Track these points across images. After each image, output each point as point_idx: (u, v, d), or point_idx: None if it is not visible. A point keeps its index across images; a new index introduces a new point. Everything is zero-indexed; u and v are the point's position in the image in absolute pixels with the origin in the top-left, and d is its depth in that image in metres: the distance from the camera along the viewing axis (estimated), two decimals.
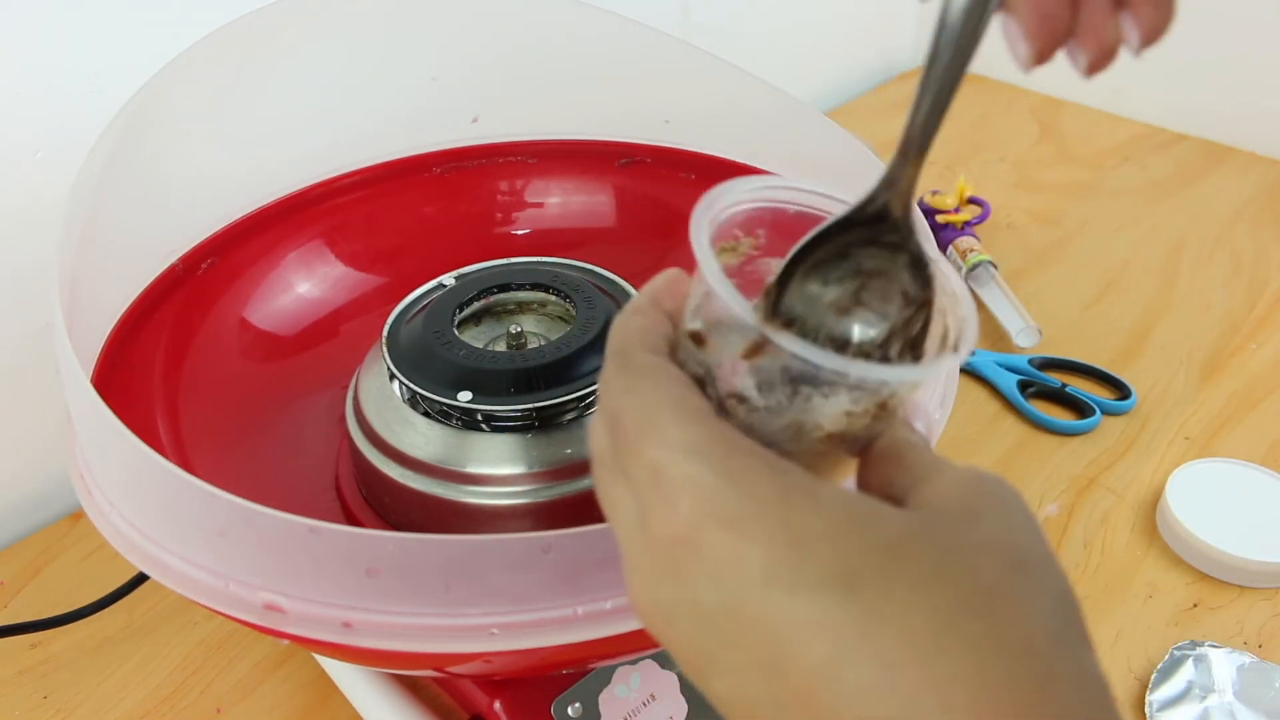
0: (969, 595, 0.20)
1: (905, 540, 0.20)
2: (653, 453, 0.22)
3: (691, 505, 0.21)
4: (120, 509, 0.35)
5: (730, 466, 0.21)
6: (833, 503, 0.21)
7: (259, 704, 0.51)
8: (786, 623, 0.20)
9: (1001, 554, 0.21)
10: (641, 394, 0.23)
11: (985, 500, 0.22)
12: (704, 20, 0.96)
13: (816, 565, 0.20)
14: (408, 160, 0.60)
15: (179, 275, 0.51)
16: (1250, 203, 0.94)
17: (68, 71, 0.57)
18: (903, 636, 0.19)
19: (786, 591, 0.20)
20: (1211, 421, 0.68)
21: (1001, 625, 0.20)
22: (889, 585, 0.20)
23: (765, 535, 0.20)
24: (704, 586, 0.21)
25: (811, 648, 0.20)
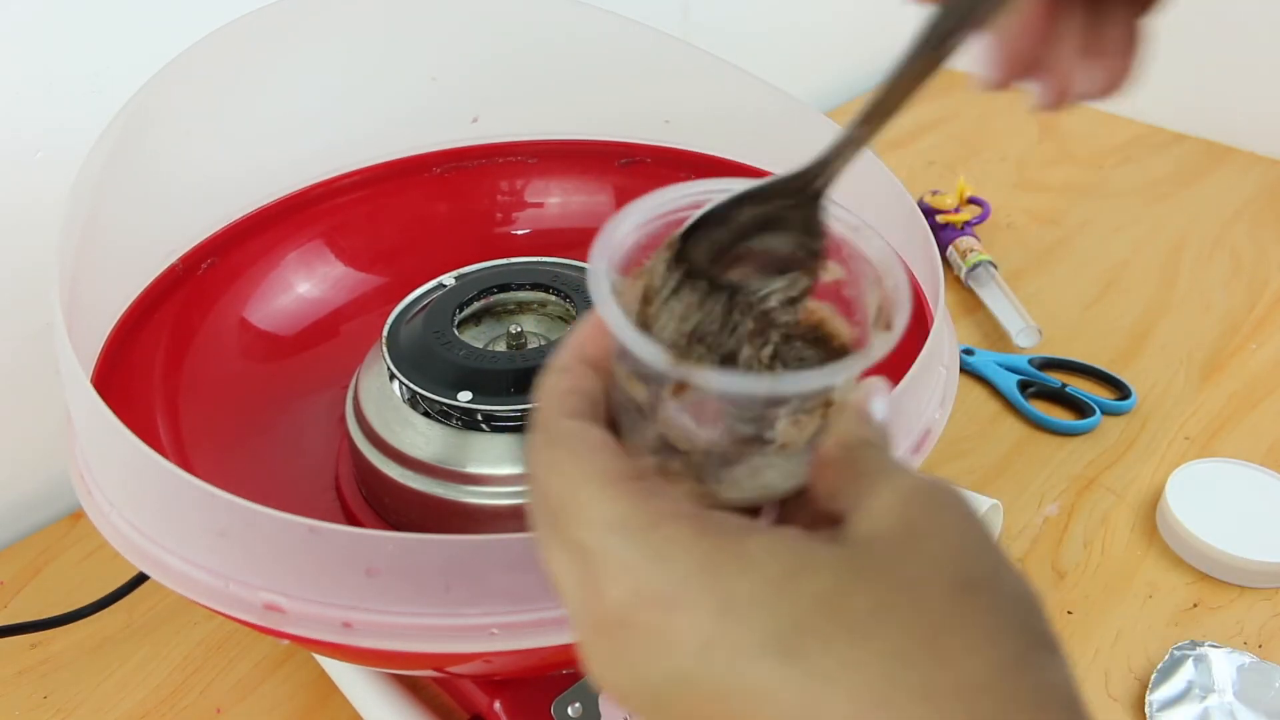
0: (912, 638, 0.19)
1: (839, 586, 0.20)
2: (578, 532, 0.22)
3: (619, 587, 0.21)
4: (120, 509, 0.35)
5: (652, 540, 0.21)
6: (761, 560, 0.20)
7: (259, 704, 0.51)
8: (731, 693, 0.19)
9: (945, 578, 0.20)
10: (563, 469, 0.23)
11: (925, 515, 0.21)
12: (704, 20, 0.96)
13: (750, 631, 0.19)
14: (408, 160, 0.60)
15: (179, 275, 0.51)
16: (1250, 203, 0.94)
17: (68, 71, 0.57)
18: (848, 696, 0.19)
19: (726, 664, 0.19)
20: (1211, 421, 0.68)
21: (950, 667, 0.19)
22: (826, 641, 0.19)
23: (695, 608, 0.20)
24: (648, 666, 0.20)
25: (760, 715, 0.19)
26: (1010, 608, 0.20)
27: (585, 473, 0.22)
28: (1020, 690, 0.19)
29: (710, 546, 0.20)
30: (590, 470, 0.22)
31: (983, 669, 0.19)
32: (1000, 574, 0.20)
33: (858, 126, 0.26)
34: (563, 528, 0.22)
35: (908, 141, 1.07)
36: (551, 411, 0.24)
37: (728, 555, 0.20)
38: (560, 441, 0.23)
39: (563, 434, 0.24)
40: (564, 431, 0.24)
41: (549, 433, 0.24)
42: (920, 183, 0.97)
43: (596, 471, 0.22)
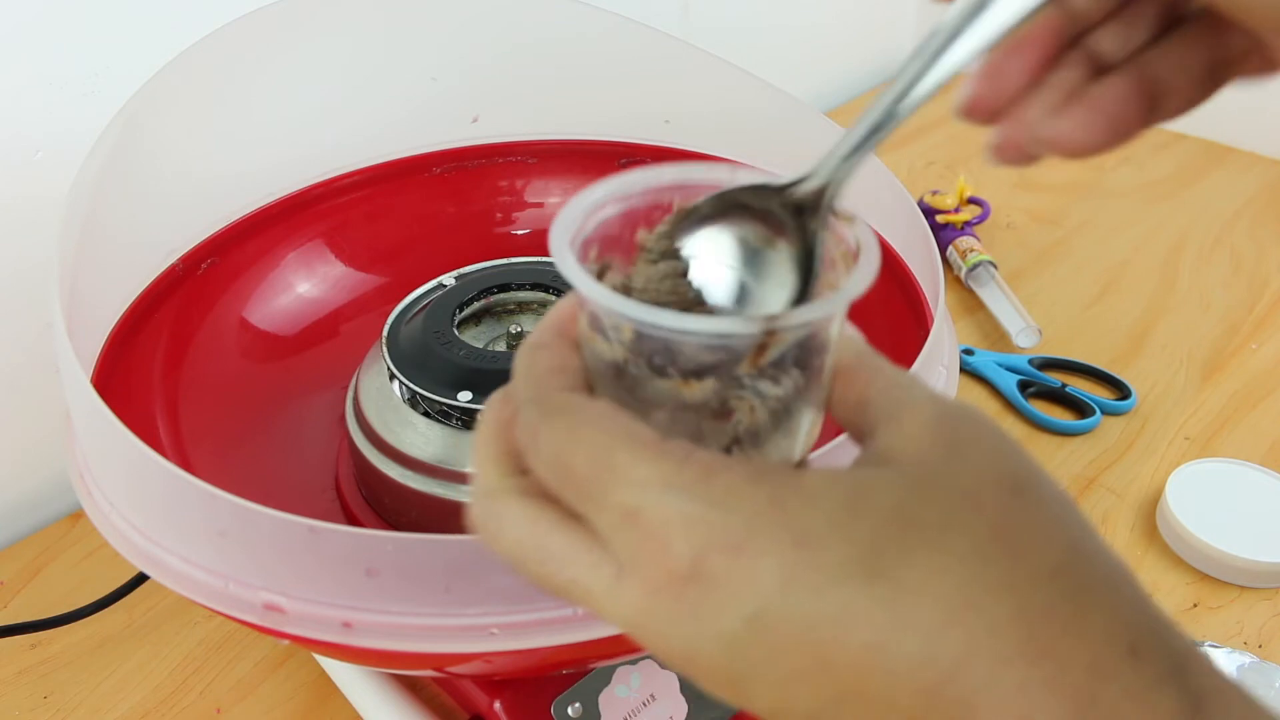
0: (982, 540, 0.20)
1: (905, 504, 0.21)
2: (622, 496, 0.21)
3: (687, 541, 0.20)
4: (120, 509, 0.35)
5: (712, 491, 0.21)
6: (823, 491, 0.21)
7: (259, 704, 0.51)
8: (820, 622, 0.20)
9: (997, 485, 0.21)
10: (587, 438, 0.22)
11: (961, 430, 0.22)
12: (704, 20, 0.96)
13: (831, 559, 0.20)
14: (408, 160, 0.60)
15: (179, 275, 0.51)
16: (1250, 203, 0.94)
17: (68, 71, 0.57)
18: (934, 602, 0.19)
19: (812, 593, 0.20)
20: (1211, 421, 0.68)
21: (1020, 561, 0.20)
22: (905, 555, 0.20)
23: (772, 547, 0.20)
24: (724, 614, 0.20)
25: (851, 639, 0.20)
26: (1057, 502, 0.21)
27: (615, 438, 0.22)
28: (1087, 570, 0.20)
29: (771, 487, 0.21)
30: (620, 435, 0.22)
31: (1052, 557, 0.20)
32: (1039, 475, 0.22)
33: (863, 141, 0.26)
34: (597, 495, 0.21)
35: (908, 141, 1.07)
36: (544, 386, 0.24)
37: (789, 492, 0.21)
38: (569, 412, 0.23)
39: (569, 405, 0.23)
40: (569, 403, 0.23)
41: (549, 406, 0.23)
42: (920, 183, 0.97)
43: (626, 436, 0.22)
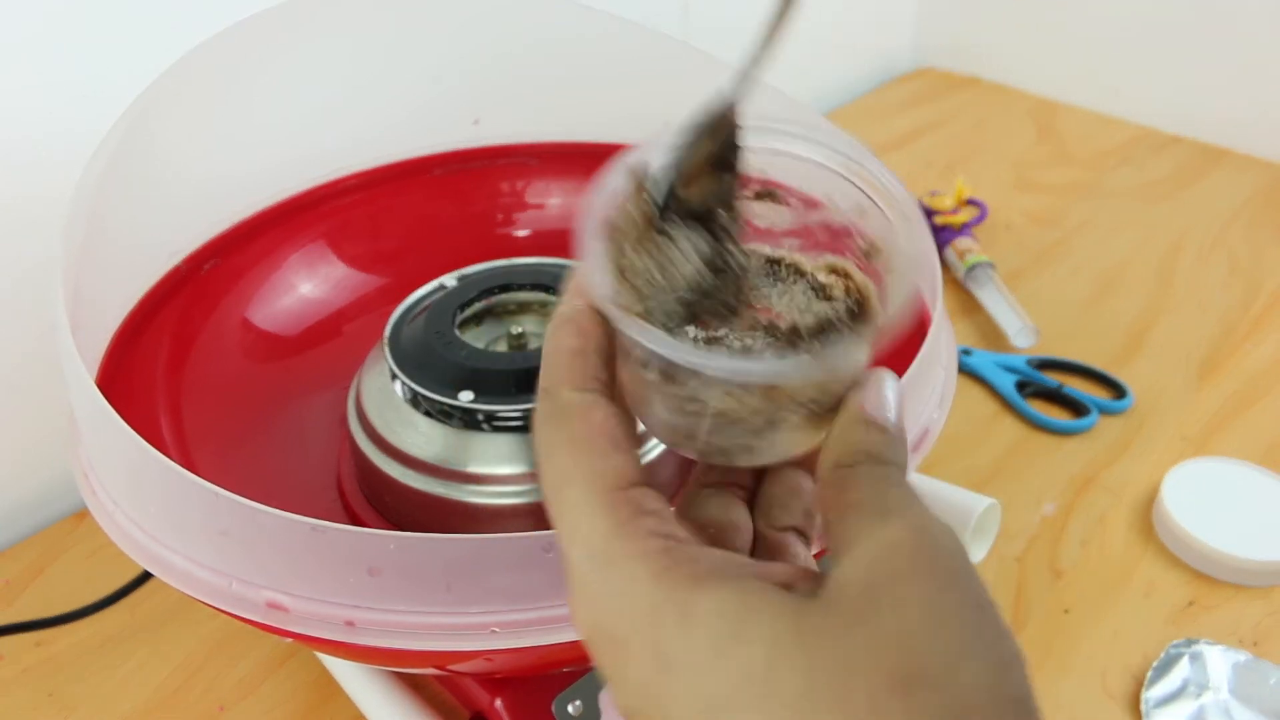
0: None
1: (772, 661, 0.19)
2: (559, 524, 0.23)
3: (582, 615, 0.22)
4: (124, 508, 0.35)
5: (613, 579, 0.21)
6: (705, 619, 0.20)
7: (261, 702, 0.51)
8: None
9: (887, 667, 0.18)
10: (557, 459, 0.24)
11: (894, 581, 0.19)
12: (704, 20, 0.96)
13: (681, 697, 0.20)
14: (410, 162, 0.61)
15: (182, 276, 0.51)
16: (1247, 204, 0.94)
17: (69, 74, 0.57)
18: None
19: (662, 715, 0.21)
20: (1208, 421, 0.68)
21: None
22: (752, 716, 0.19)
23: (639, 659, 0.21)
24: (615, 689, 0.22)
25: None
26: (956, 712, 0.18)
27: (575, 470, 0.23)
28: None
29: (662, 598, 0.21)
30: (580, 469, 0.23)
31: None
32: (960, 665, 0.18)
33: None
34: (554, 510, 0.24)
35: (906, 142, 1.07)
36: (558, 376, 0.25)
37: (675, 612, 0.20)
38: (560, 420, 0.24)
39: (564, 411, 0.24)
40: (566, 407, 0.24)
41: (552, 404, 0.24)
42: (919, 183, 0.97)
43: (584, 473, 0.23)
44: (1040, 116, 1.12)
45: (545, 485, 0.24)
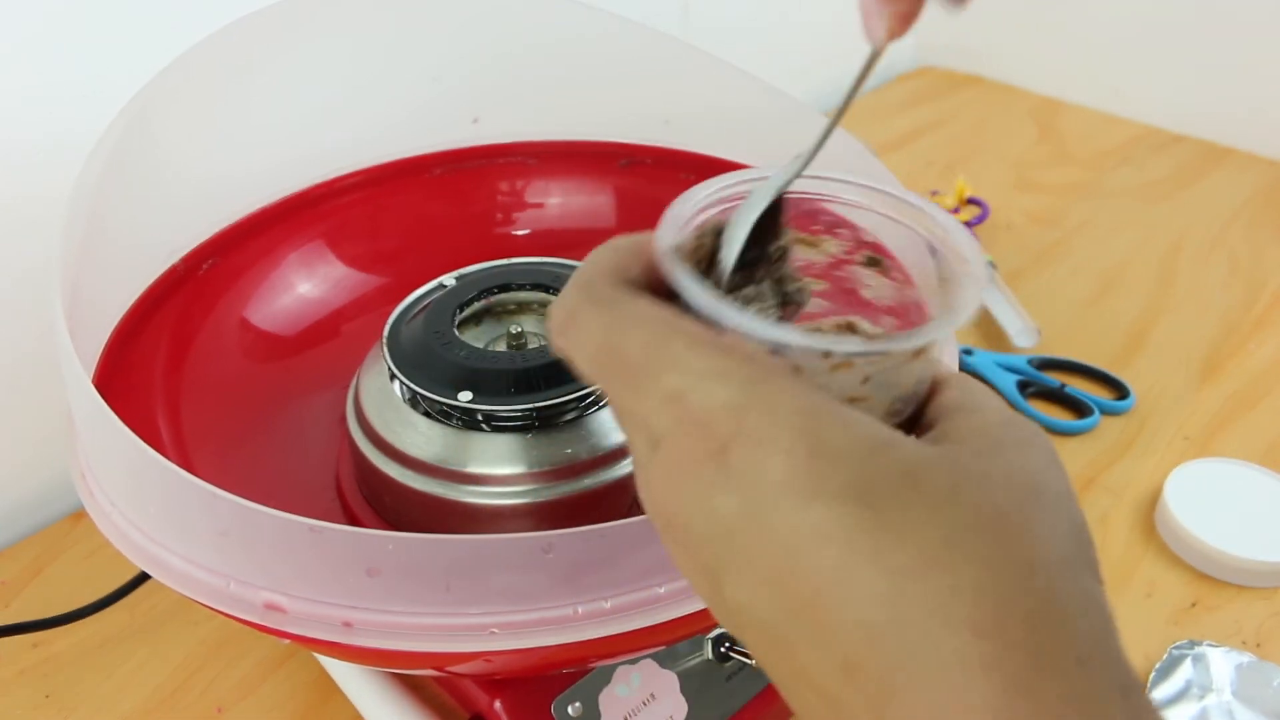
0: (979, 517, 0.20)
1: (923, 465, 0.21)
2: (672, 380, 0.22)
3: (726, 425, 0.21)
4: (121, 509, 0.35)
5: (760, 390, 0.21)
6: (859, 426, 0.21)
7: (260, 703, 0.51)
8: (800, 531, 0.20)
9: (1017, 484, 0.21)
10: (646, 324, 0.23)
11: (1008, 434, 0.23)
12: (704, 20, 0.96)
13: (835, 478, 0.20)
14: (409, 161, 0.60)
15: (180, 276, 0.51)
16: (1248, 203, 0.94)
17: (69, 73, 0.57)
18: (911, 549, 0.20)
19: (804, 501, 0.20)
20: (1210, 421, 0.68)
21: (1007, 546, 0.20)
22: (904, 503, 0.20)
23: (789, 448, 0.21)
24: (725, 495, 0.21)
25: (822, 555, 0.20)
26: (1069, 527, 0.21)
27: (673, 329, 0.23)
28: (1068, 585, 0.20)
29: (814, 403, 0.21)
30: (677, 328, 0.23)
31: (1036, 559, 0.20)
32: (1065, 500, 0.22)
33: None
34: (648, 378, 0.23)
35: (907, 142, 1.07)
36: (604, 277, 0.25)
37: (829, 413, 0.21)
38: (620, 303, 0.24)
39: (618, 297, 0.24)
40: (623, 296, 0.24)
41: (598, 294, 0.24)
42: (919, 183, 0.97)
43: (685, 329, 0.23)
44: (1041, 116, 1.12)
45: (631, 352, 0.23)
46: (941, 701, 0.19)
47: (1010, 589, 0.20)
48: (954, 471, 0.21)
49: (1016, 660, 0.19)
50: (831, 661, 0.20)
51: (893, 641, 0.19)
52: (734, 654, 0.45)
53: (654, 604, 0.32)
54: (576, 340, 0.25)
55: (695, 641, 0.45)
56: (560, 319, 0.25)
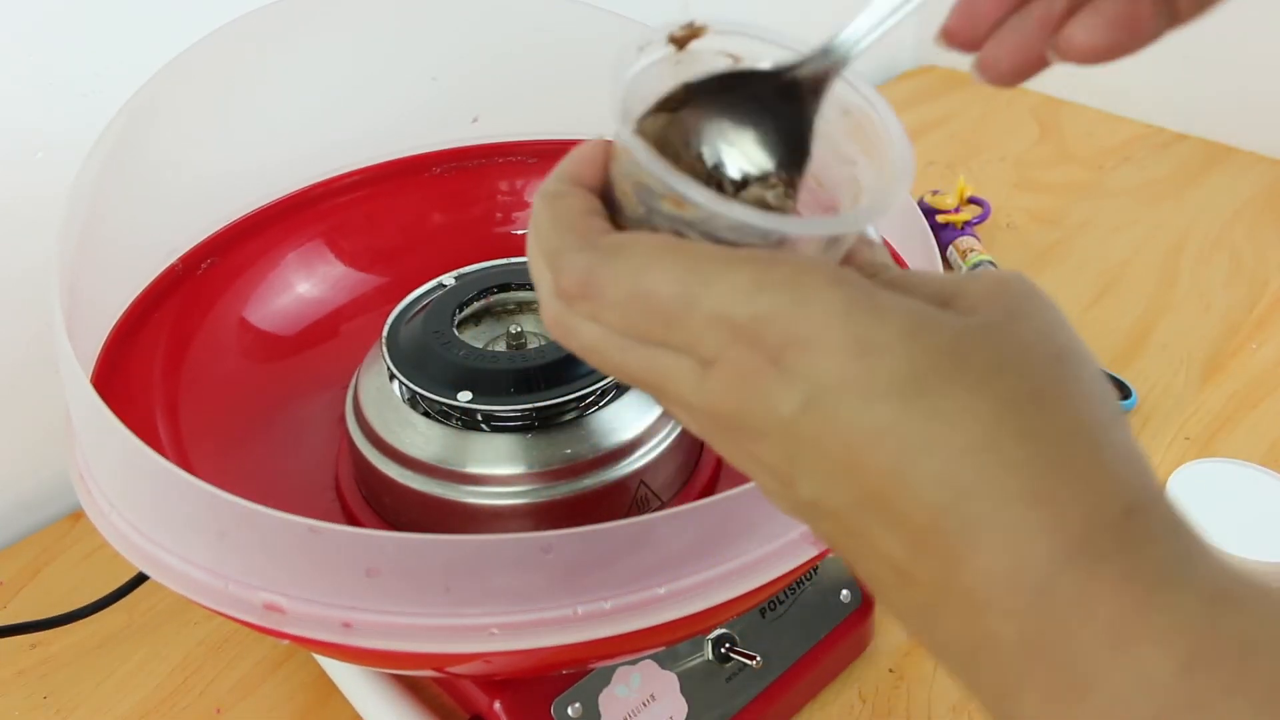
0: (1019, 391, 0.22)
1: (960, 343, 0.22)
2: (712, 302, 0.23)
3: (773, 332, 0.22)
4: (120, 509, 0.35)
5: (798, 291, 0.22)
6: (893, 311, 0.22)
7: (259, 704, 0.51)
8: (859, 428, 0.22)
9: (1043, 349, 0.23)
10: (664, 263, 0.23)
11: (1018, 301, 0.24)
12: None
13: (883, 373, 0.22)
14: (408, 160, 0.60)
15: (179, 275, 0.51)
16: (1250, 203, 0.94)
17: (68, 71, 0.57)
18: (962, 433, 0.21)
19: (858, 399, 0.22)
20: (1212, 421, 0.68)
21: (1050, 416, 0.22)
22: (948, 387, 0.21)
23: (836, 350, 0.22)
24: (785, 398, 0.22)
25: (882, 449, 0.21)
26: (1091, 381, 0.23)
27: (698, 256, 0.23)
28: (1107, 442, 0.22)
29: (846, 295, 0.22)
30: (700, 253, 0.23)
31: (1076, 423, 0.22)
32: (1083, 352, 0.24)
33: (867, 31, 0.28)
34: (685, 311, 0.23)
35: None
36: (591, 225, 0.25)
37: (862, 305, 0.22)
38: (632, 246, 0.24)
39: (625, 241, 0.24)
40: (626, 240, 0.24)
41: (605, 247, 0.24)
42: (920, 182, 0.97)
43: (708, 253, 0.23)
44: (1042, 114, 1.12)
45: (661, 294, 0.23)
46: (1006, 565, 0.21)
47: (1057, 456, 0.21)
48: (987, 347, 0.22)
49: (1069, 521, 0.20)
50: (901, 541, 0.22)
51: (955, 518, 0.21)
52: (734, 654, 0.45)
53: (654, 604, 0.32)
54: (600, 299, 0.24)
55: (695, 642, 0.45)
56: (574, 288, 0.25)
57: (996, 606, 0.21)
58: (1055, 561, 0.20)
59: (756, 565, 0.33)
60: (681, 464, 0.45)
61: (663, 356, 0.24)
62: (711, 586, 0.33)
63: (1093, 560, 0.20)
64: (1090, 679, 0.20)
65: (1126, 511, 0.21)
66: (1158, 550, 0.21)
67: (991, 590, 0.21)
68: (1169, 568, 0.21)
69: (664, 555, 0.32)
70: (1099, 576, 0.20)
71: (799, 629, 0.48)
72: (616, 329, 0.24)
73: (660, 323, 0.24)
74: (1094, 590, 0.20)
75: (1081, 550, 0.20)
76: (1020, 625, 0.21)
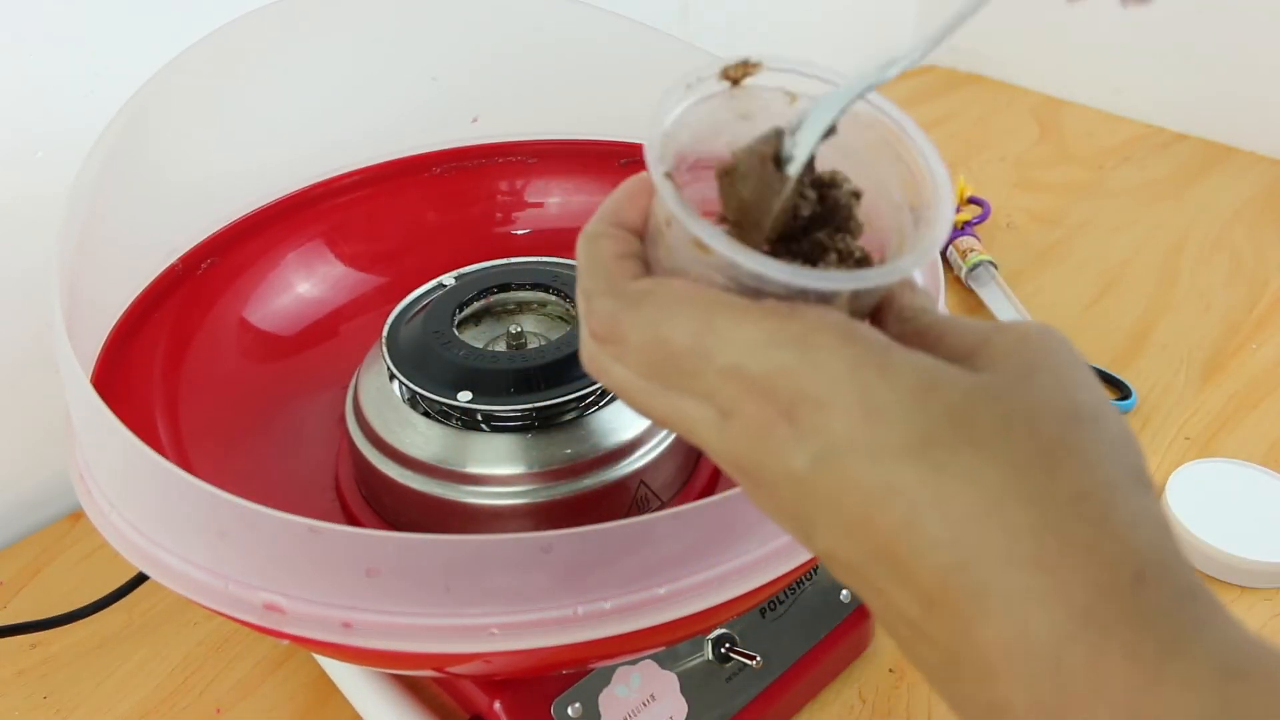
0: (1028, 454, 0.21)
1: (968, 403, 0.22)
2: (726, 356, 0.23)
3: (786, 387, 0.23)
4: (120, 509, 0.35)
5: (806, 350, 0.23)
6: (900, 370, 0.22)
7: (259, 704, 0.51)
8: (869, 487, 0.22)
9: (1057, 409, 0.22)
10: (682, 312, 0.24)
11: (1039, 356, 0.24)
12: (704, 20, 0.96)
13: (890, 434, 0.22)
14: (408, 160, 0.60)
15: (179, 275, 0.51)
16: (1250, 203, 0.94)
17: (68, 71, 0.57)
18: (969, 495, 0.21)
19: (867, 458, 0.22)
20: (1212, 421, 0.68)
21: (1058, 479, 0.21)
22: (956, 448, 0.22)
23: (844, 408, 0.22)
24: (797, 454, 0.23)
25: (891, 508, 0.22)
26: (1110, 441, 0.22)
27: (712, 308, 0.24)
28: (1118, 507, 0.21)
29: (857, 354, 0.23)
30: (716, 304, 0.24)
31: (1086, 487, 0.21)
32: (1102, 413, 0.23)
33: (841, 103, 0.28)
34: (701, 362, 0.24)
35: None
36: (615, 277, 0.26)
37: (872, 364, 0.23)
38: (654, 295, 0.25)
39: (651, 290, 0.25)
40: (651, 288, 0.25)
41: (630, 295, 0.25)
42: None
43: (723, 304, 0.24)
44: (1042, 114, 1.12)
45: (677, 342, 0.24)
46: (1013, 632, 0.21)
47: (1064, 521, 0.21)
48: (997, 407, 0.22)
49: (1072, 589, 0.20)
50: (913, 598, 0.22)
51: (963, 581, 0.21)
52: (734, 654, 0.45)
53: (654, 604, 0.32)
54: (623, 345, 0.25)
55: (695, 642, 0.45)
56: (602, 332, 0.26)
57: (1007, 674, 0.21)
58: (1061, 631, 0.20)
59: (756, 565, 0.33)
60: (681, 464, 0.45)
61: (685, 403, 0.25)
62: (711, 586, 0.33)
63: (1100, 632, 0.20)
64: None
65: (1136, 578, 0.21)
66: (1169, 621, 0.20)
67: (1001, 657, 0.21)
68: (1180, 639, 0.20)
69: (664, 555, 0.32)
70: (1107, 650, 0.20)
71: (799, 629, 0.48)
72: (641, 375, 0.25)
73: (677, 372, 0.24)
74: (1103, 664, 0.20)
75: (1087, 621, 0.20)
76: (1031, 694, 0.21)
